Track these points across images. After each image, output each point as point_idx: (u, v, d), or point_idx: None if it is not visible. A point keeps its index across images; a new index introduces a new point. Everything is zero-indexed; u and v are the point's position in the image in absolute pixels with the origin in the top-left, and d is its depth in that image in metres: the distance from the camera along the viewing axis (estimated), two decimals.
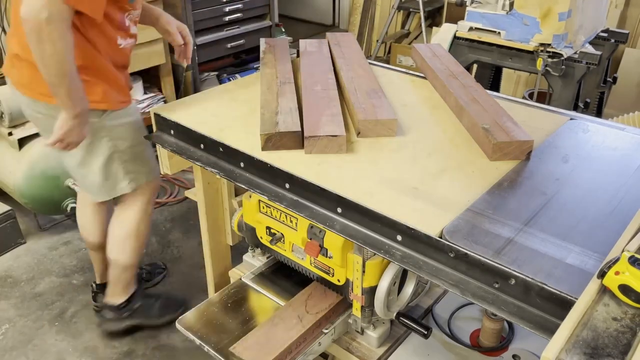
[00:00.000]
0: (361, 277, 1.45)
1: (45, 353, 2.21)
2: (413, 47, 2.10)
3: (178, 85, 3.63)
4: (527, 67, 2.67)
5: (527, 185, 1.27)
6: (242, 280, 1.77)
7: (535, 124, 1.55)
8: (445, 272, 1.09)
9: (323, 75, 1.76)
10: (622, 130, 1.55)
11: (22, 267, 2.69)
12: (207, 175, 1.77)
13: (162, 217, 3.09)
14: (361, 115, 1.49)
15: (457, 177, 1.31)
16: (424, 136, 1.50)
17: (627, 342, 0.80)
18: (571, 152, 1.41)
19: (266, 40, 2.09)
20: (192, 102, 1.73)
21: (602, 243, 1.04)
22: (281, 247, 1.65)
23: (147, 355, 2.20)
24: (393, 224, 1.15)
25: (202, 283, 2.58)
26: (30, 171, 2.70)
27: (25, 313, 2.41)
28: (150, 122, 1.71)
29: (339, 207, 1.24)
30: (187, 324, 1.61)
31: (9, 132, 2.71)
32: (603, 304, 0.86)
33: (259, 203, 1.64)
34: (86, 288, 2.55)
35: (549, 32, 2.49)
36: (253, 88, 1.80)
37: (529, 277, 0.97)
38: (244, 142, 1.45)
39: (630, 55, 3.85)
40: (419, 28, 4.77)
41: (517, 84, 3.98)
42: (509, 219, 1.13)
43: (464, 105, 1.54)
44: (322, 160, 1.37)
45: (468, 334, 1.64)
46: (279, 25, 4.16)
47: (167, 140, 1.64)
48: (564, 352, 0.79)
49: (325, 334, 1.54)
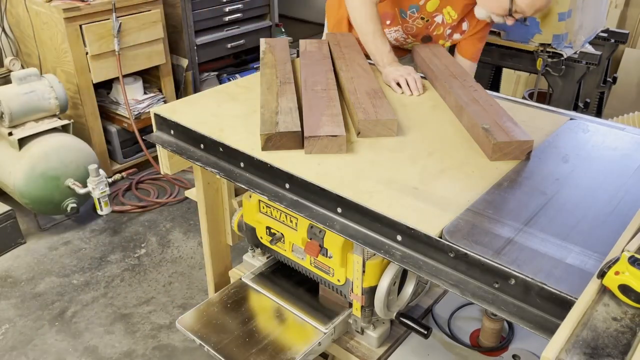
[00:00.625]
0: (361, 277, 1.45)
1: (45, 353, 2.21)
2: (413, 47, 2.10)
3: (178, 85, 3.63)
4: (527, 67, 2.67)
5: (527, 185, 1.27)
6: (242, 280, 1.77)
7: (535, 124, 1.55)
8: (445, 272, 1.09)
9: (323, 75, 1.76)
10: (622, 130, 1.55)
11: (22, 267, 2.69)
12: (207, 175, 1.77)
13: (162, 217, 3.09)
14: (361, 115, 1.49)
15: (457, 177, 1.31)
16: (424, 136, 1.50)
17: (627, 342, 0.80)
18: (571, 152, 1.41)
19: (266, 40, 2.09)
20: (192, 102, 1.73)
21: (602, 243, 1.04)
22: (281, 247, 1.65)
23: (147, 355, 2.21)
24: (393, 224, 1.14)
25: (202, 283, 2.58)
26: (30, 171, 2.70)
27: (25, 313, 2.41)
28: (150, 122, 1.71)
29: (339, 207, 1.24)
30: (187, 324, 1.61)
31: (9, 132, 2.71)
32: (603, 304, 0.86)
33: (259, 203, 1.64)
34: (86, 288, 2.55)
35: (549, 32, 2.49)
36: (253, 88, 1.80)
37: (528, 277, 0.97)
38: (244, 142, 1.45)
39: (630, 55, 3.85)
40: None
41: (517, 84, 3.98)
42: (509, 219, 1.13)
43: (464, 105, 1.54)
44: (322, 160, 1.37)
45: (468, 334, 1.64)
46: (279, 25, 4.16)
47: (167, 140, 1.64)
48: (564, 352, 0.79)
49: (325, 334, 1.54)
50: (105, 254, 2.79)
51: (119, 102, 3.36)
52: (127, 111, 3.23)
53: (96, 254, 2.79)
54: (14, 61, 3.33)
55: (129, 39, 3.14)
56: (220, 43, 3.74)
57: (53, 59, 3.16)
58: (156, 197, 3.26)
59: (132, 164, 3.45)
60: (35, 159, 2.71)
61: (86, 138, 3.10)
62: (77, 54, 3.00)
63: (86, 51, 3.03)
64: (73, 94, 3.12)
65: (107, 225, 3.02)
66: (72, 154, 2.81)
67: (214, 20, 3.66)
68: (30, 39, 3.24)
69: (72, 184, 2.78)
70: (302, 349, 1.51)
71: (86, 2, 2.97)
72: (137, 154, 3.51)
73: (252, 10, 3.87)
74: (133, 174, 3.31)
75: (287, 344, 1.53)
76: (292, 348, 1.52)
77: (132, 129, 3.23)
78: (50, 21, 3.00)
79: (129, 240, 2.90)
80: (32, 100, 2.76)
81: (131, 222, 3.04)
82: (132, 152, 3.50)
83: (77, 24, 2.95)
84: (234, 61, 4.02)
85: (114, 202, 3.16)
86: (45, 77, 2.84)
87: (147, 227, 3.01)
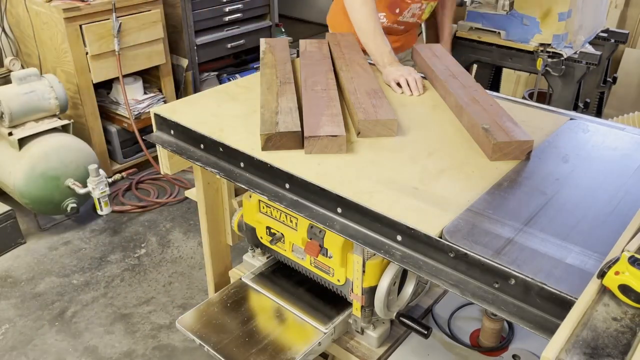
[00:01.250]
0: (361, 277, 1.45)
1: (45, 353, 2.21)
2: (413, 47, 2.10)
3: (178, 85, 3.63)
4: (527, 67, 2.67)
5: (527, 185, 1.27)
6: (242, 280, 1.77)
7: (535, 124, 1.55)
8: (445, 272, 1.09)
9: (323, 75, 1.76)
10: (622, 130, 1.55)
11: (22, 267, 2.69)
12: (207, 175, 1.77)
13: (162, 217, 3.09)
14: (361, 115, 1.49)
15: (457, 177, 1.31)
16: (423, 136, 1.50)
17: (627, 342, 0.80)
18: (571, 152, 1.41)
19: (266, 40, 2.09)
20: (192, 102, 1.73)
21: (602, 243, 1.04)
22: (281, 247, 1.65)
23: (147, 355, 2.21)
24: (393, 224, 1.14)
25: (202, 283, 2.58)
26: (30, 171, 2.70)
27: (25, 313, 2.41)
28: (150, 122, 1.71)
29: (339, 207, 1.24)
30: (187, 324, 1.61)
31: (9, 132, 2.71)
32: (603, 304, 0.86)
33: (259, 203, 1.65)
34: (86, 288, 2.55)
35: (549, 32, 2.49)
36: (253, 88, 1.80)
37: (528, 277, 0.97)
38: (244, 142, 1.45)
39: (630, 55, 3.85)
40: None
41: (517, 84, 3.98)
42: (508, 219, 1.13)
43: (464, 105, 1.54)
44: (322, 160, 1.37)
45: (468, 334, 1.64)
46: (279, 25, 4.16)
47: (167, 140, 1.64)
48: (564, 352, 0.79)
49: (325, 334, 1.54)
50: (105, 254, 2.79)
51: (119, 102, 3.36)
52: (127, 111, 3.23)
53: (96, 254, 2.79)
54: (14, 61, 3.33)
55: (129, 39, 3.14)
56: (220, 43, 3.74)
57: (53, 59, 3.16)
58: (156, 197, 3.26)
59: (132, 164, 3.46)
60: (35, 159, 2.71)
61: (86, 138, 3.10)
62: (77, 54, 3.00)
63: (86, 51, 3.03)
64: (73, 94, 3.12)
65: (107, 225, 3.02)
66: (72, 154, 2.81)
67: (214, 20, 3.66)
68: (30, 39, 3.24)
69: (72, 184, 2.78)
70: (302, 349, 1.51)
71: (86, 2, 2.97)
72: (137, 154, 3.51)
73: (252, 10, 3.87)
74: (133, 174, 3.31)
75: (287, 344, 1.53)
76: (292, 348, 1.52)
77: (132, 129, 3.23)
78: (50, 21, 3.00)
79: (129, 240, 2.90)
80: (32, 100, 2.76)
81: (131, 222, 3.05)
82: (132, 152, 3.50)
83: (77, 24, 2.96)
84: (234, 61, 4.02)
85: (114, 202, 3.16)
86: (45, 77, 2.84)
87: (147, 227, 3.01)
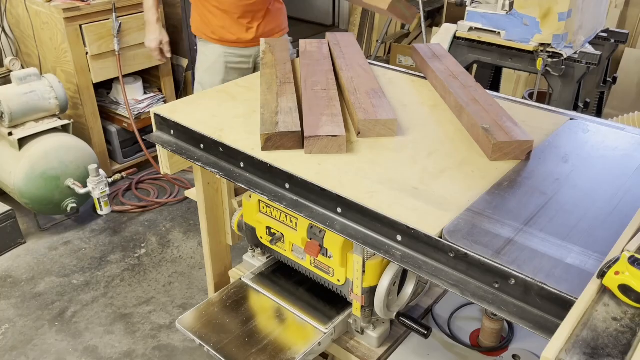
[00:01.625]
0: (361, 277, 1.45)
1: (45, 353, 2.21)
2: (413, 47, 2.10)
3: (178, 85, 3.63)
4: (527, 67, 2.67)
5: (527, 185, 1.27)
6: (242, 280, 1.77)
7: (535, 124, 1.55)
8: (445, 272, 1.09)
9: (323, 75, 1.76)
10: (622, 130, 1.55)
11: (22, 267, 2.69)
12: (207, 175, 1.77)
13: (162, 217, 3.09)
14: (361, 115, 1.49)
15: (456, 177, 1.31)
16: (423, 136, 1.50)
17: (627, 342, 0.80)
18: (571, 152, 1.41)
19: (266, 40, 2.09)
20: (192, 102, 1.73)
21: (602, 243, 1.04)
22: (281, 247, 1.65)
23: (147, 355, 2.21)
24: (393, 224, 1.14)
25: (202, 283, 2.58)
26: (31, 171, 2.70)
27: (25, 313, 2.41)
28: (150, 122, 1.71)
29: (339, 207, 1.24)
30: (187, 324, 1.61)
31: (9, 132, 2.72)
32: (603, 304, 0.86)
33: (259, 203, 1.64)
34: (86, 288, 2.55)
35: (549, 32, 2.49)
36: (253, 88, 1.80)
37: (529, 277, 0.97)
38: (244, 142, 1.45)
39: (630, 55, 3.85)
40: (418, 28, 4.77)
41: (517, 84, 3.99)
42: (508, 219, 1.13)
43: (464, 105, 1.54)
44: (322, 160, 1.37)
45: (468, 334, 1.64)
46: None
47: (167, 140, 1.64)
48: (564, 352, 0.79)
49: (325, 334, 1.54)
50: (105, 254, 2.79)
51: (119, 102, 3.36)
52: (127, 111, 3.23)
53: (96, 254, 2.79)
54: (14, 61, 3.33)
55: (129, 39, 3.14)
56: None
57: (53, 59, 3.16)
58: (156, 197, 3.26)
59: (132, 164, 3.46)
60: (35, 159, 2.71)
61: (86, 138, 3.10)
62: (77, 54, 3.00)
63: (86, 51, 3.03)
64: (73, 94, 3.12)
65: (107, 225, 3.02)
66: (72, 154, 2.81)
67: None
68: (30, 39, 3.24)
69: (72, 184, 2.78)
70: (302, 349, 1.51)
71: (86, 2, 2.97)
72: (137, 154, 3.51)
73: None
74: (133, 174, 3.31)
75: (287, 344, 1.53)
76: (292, 348, 1.52)
77: (132, 129, 3.23)
78: (50, 21, 3.00)
79: (129, 240, 2.90)
80: (32, 100, 2.76)
81: (131, 222, 3.05)
82: (132, 152, 3.50)
83: (77, 24, 2.96)
84: None
85: (114, 202, 3.16)
86: (45, 77, 2.84)
87: (147, 227, 3.01)
